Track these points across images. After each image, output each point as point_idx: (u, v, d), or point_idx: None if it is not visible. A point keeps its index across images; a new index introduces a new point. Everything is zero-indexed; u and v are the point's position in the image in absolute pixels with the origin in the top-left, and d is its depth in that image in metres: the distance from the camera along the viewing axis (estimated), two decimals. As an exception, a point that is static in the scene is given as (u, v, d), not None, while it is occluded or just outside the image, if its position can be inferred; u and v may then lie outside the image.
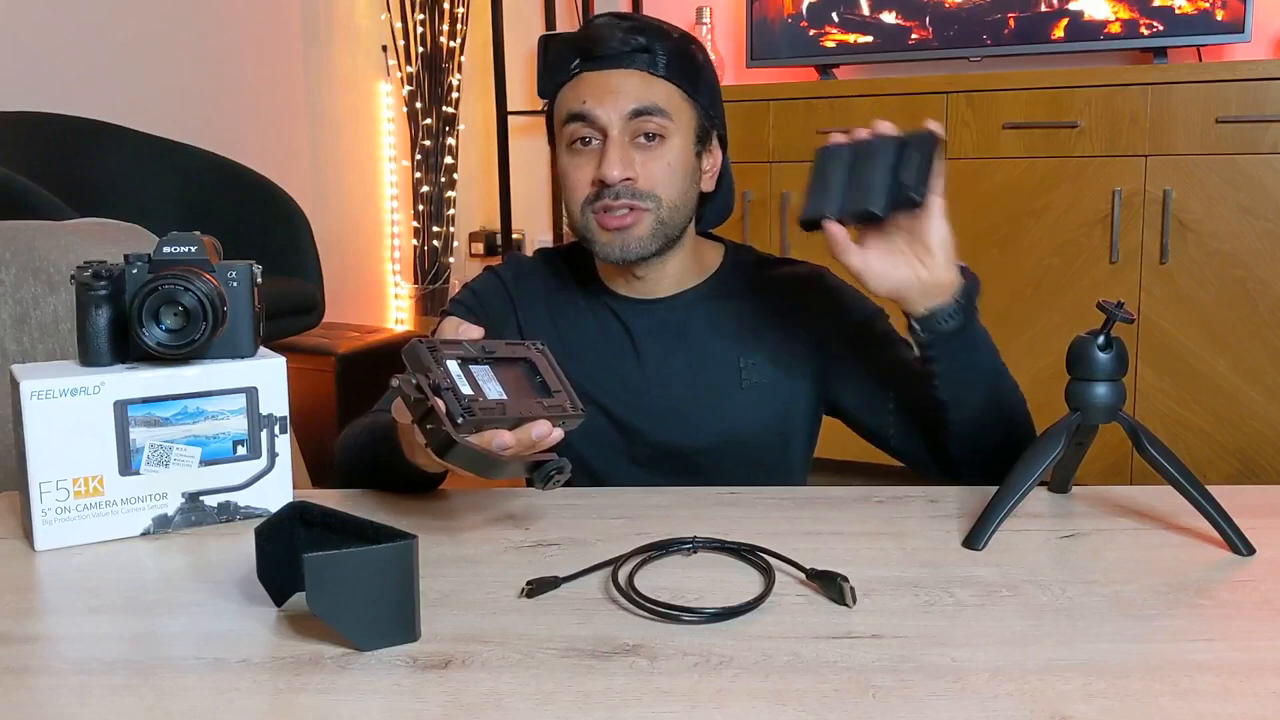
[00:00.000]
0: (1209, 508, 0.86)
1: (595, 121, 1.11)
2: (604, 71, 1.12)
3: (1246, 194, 2.43)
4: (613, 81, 1.11)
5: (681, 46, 1.15)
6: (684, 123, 1.14)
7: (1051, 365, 2.67)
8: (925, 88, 2.69)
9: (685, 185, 1.14)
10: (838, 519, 0.95)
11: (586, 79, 1.12)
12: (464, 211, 3.86)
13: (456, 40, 3.69)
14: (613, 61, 1.12)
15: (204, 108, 3.12)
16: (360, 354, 2.98)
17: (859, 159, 0.96)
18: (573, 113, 1.12)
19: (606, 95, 1.11)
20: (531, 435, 0.81)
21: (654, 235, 1.12)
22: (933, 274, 0.98)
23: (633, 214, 1.11)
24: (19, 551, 0.89)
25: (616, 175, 1.09)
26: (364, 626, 0.69)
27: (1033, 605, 0.75)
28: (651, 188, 1.11)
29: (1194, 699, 0.62)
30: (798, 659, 0.67)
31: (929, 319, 1.00)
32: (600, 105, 1.10)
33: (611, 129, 1.10)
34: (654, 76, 1.12)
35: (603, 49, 1.12)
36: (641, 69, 1.12)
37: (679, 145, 1.13)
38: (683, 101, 1.14)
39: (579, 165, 1.13)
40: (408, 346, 0.80)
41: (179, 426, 0.91)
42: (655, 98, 1.11)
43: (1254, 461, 2.48)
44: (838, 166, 0.97)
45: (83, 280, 0.91)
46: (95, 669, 0.68)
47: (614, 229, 1.11)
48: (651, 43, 1.12)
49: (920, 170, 0.94)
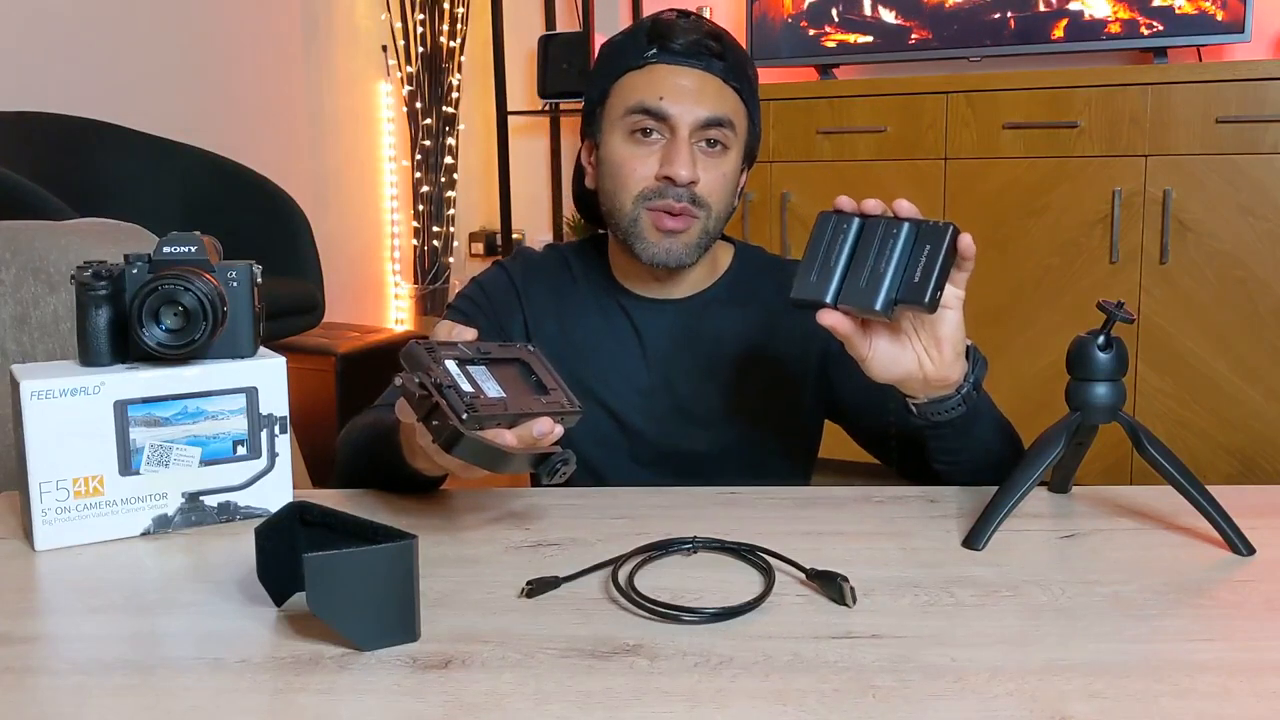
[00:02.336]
0: (1209, 508, 0.86)
1: (669, 118, 1.08)
2: (681, 67, 1.09)
3: (1246, 194, 2.43)
4: (691, 81, 1.09)
5: (747, 61, 1.14)
6: (741, 137, 1.13)
7: (1051, 365, 2.64)
8: (925, 88, 2.69)
9: (730, 200, 1.14)
10: (838, 519, 0.95)
11: (662, 71, 1.10)
12: (464, 211, 3.86)
13: (456, 40, 3.69)
14: (691, 60, 1.10)
15: (204, 108, 3.12)
16: (360, 354, 2.98)
17: (865, 239, 0.85)
18: (644, 104, 1.09)
19: (686, 95, 1.09)
20: (533, 433, 0.81)
21: (699, 244, 1.11)
22: (939, 369, 0.91)
23: (685, 218, 1.09)
24: (19, 551, 0.89)
25: (687, 175, 1.07)
26: (364, 626, 0.69)
27: (1033, 605, 0.75)
28: (708, 195, 1.10)
29: (1194, 699, 0.62)
30: (798, 659, 0.67)
31: (928, 407, 0.96)
32: (679, 103, 1.08)
33: (683, 129, 1.08)
34: (726, 85, 1.11)
35: (683, 44, 1.09)
36: (716, 74, 1.10)
37: (734, 159, 1.13)
38: (743, 116, 1.14)
39: (639, 156, 1.10)
40: (406, 348, 0.80)
41: (179, 426, 0.91)
42: (727, 108, 1.10)
43: (1254, 461, 2.48)
44: (840, 243, 0.86)
45: (83, 280, 0.91)
46: (95, 669, 0.68)
47: (668, 230, 1.09)
48: (726, 50, 1.11)
49: (933, 269, 0.82)
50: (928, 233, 0.84)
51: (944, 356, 0.90)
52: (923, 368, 0.91)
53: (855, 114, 2.76)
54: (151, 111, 2.85)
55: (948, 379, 0.92)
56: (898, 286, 0.83)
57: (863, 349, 0.90)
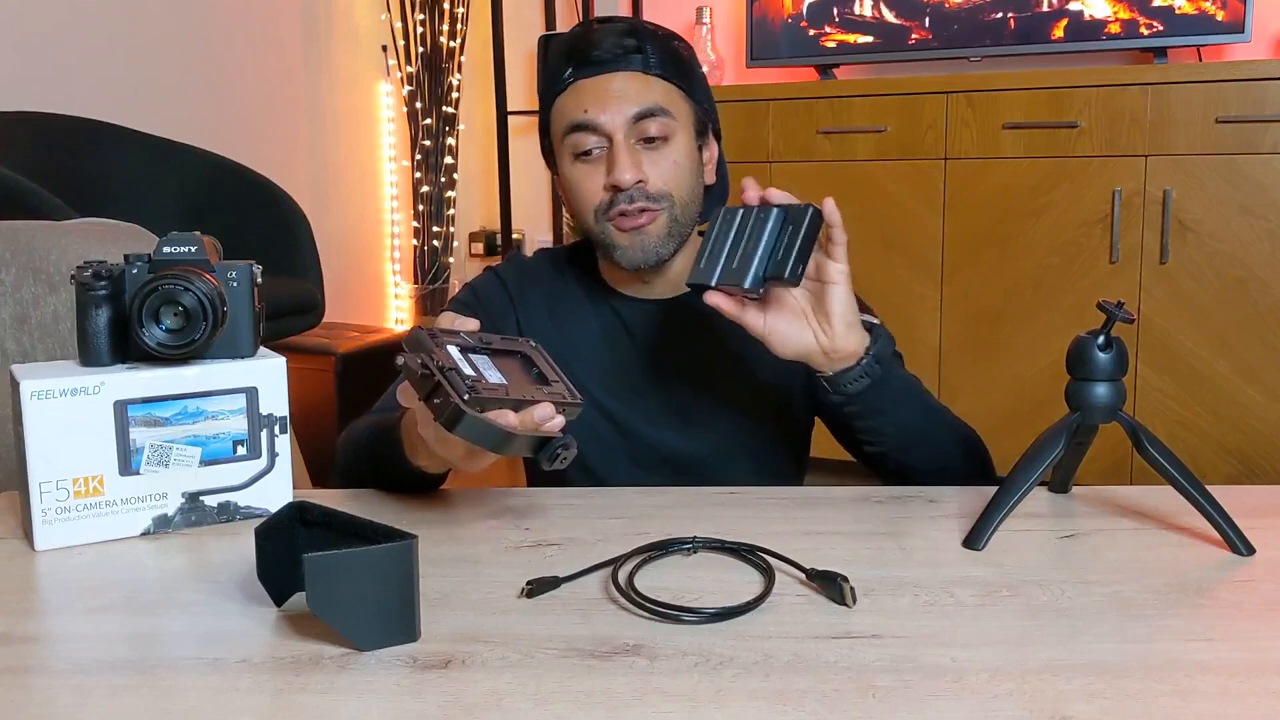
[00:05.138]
0: (1209, 508, 0.86)
1: (599, 128, 1.10)
2: (600, 76, 1.11)
3: (1246, 194, 2.43)
4: (612, 86, 1.10)
5: (670, 44, 1.15)
6: (684, 119, 1.13)
7: (1051, 365, 2.65)
8: (925, 88, 2.69)
9: (693, 181, 1.14)
10: (838, 519, 0.95)
11: (583, 86, 1.11)
12: (464, 211, 3.86)
13: (456, 40, 3.69)
14: (607, 66, 1.11)
15: (204, 108, 3.12)
16: (360, 354, 2.98)
17: (742, 226, 0.94)
18: (574, 123, 1.11)
19: (609, 101, 1.10)
20: (534, 417, 0.81)
21: (670, 234, 1.12)
22: (833, 341, 0.98)
23: (647, 214, 1.10)
24: (19, 551, 0.89)
25: (629, 179, 1.09)
26: (364, 626, 0.69)
27: (1033, 605, 0.75)
28: (663, 187, 1.11)
29: (1194, 699, 0.62)
30: (798, 659, 0.67)
31: (835, 380, 1.01)
32: (603, 111, 1.10)
33: (616, 134, 1.09)
34: (650, 76, 1.11)
35: (596, 54, 1.11)
36: (637, 70, 1.11)
37: (683, 142, 1.13)
38: (680, 98, 1.14)
39: (587, 175, 1.12)
40: (409, 333, 0.81)
41: (179, 426, 0.91)
42: (655, 98, 1.11)
43: (1254, 461, 2.48)
44: (725, 232, 0.95)
45: (83, 280, 0.91)
46: (95, 669, 0.68)
47: (630, 229, 1.10)
48: (643, 43, 1.12)
49: (794, 248, 0.91)
50: (794, 215, 0.92)
51: (835, 329, 0.97)
52: (819, 341, 0.98)
53: (855, 114, 2.76)
54: (151, 111, 2.85)
55: (843, 350, 0.99)
56: (765, 265, 0.92)
57: (758, 326, 0.98)
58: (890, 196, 2.74)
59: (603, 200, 1.11)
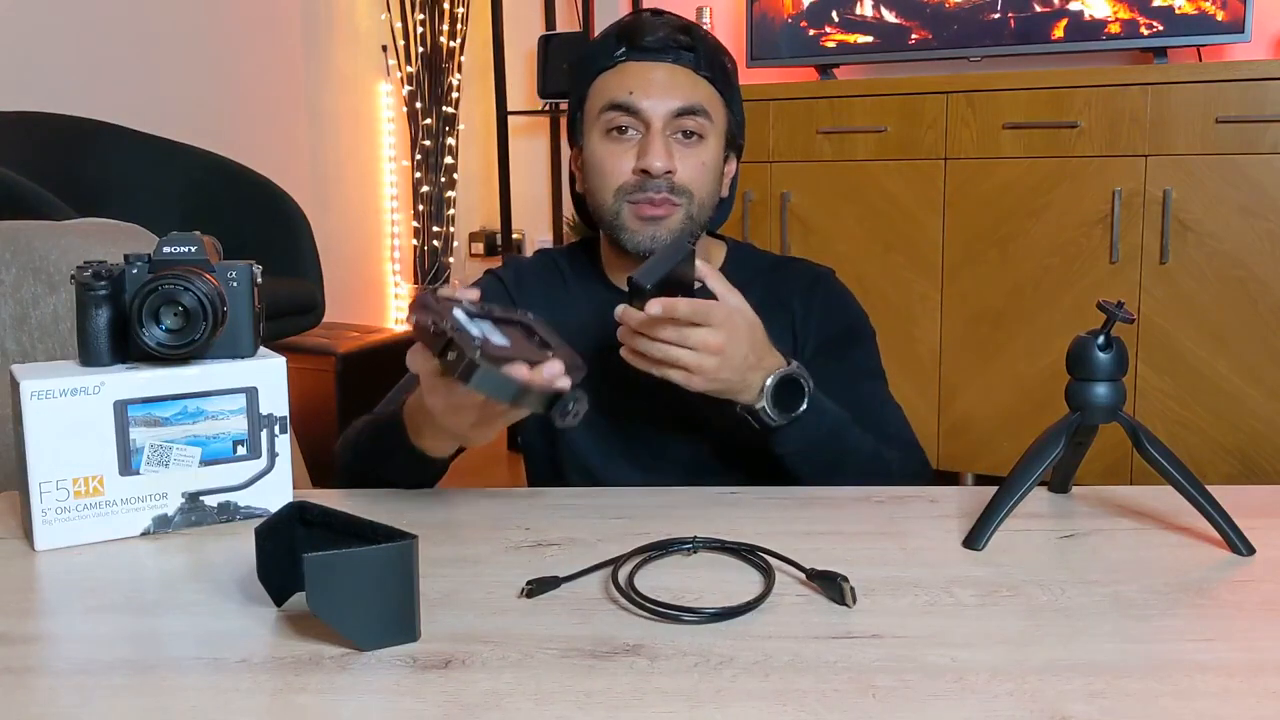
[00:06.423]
0: (1209, 508, 0.86)
1: (641, 113, 1.11)
2: (651, 63, 1.13)
3: (1246, 194, 2.43)
4: (661, 75, 1.12)
5: (721, 53, 1.17)
6: (719, 126, 1.16)
7: (1051, 365, 2.65)
8: (925, 88, 2.69)
9: (714, 187, 1.17)
10: (838, 519, 0.95)
11: (632, 68, 1.13)
12: (464, 211, 3.86)
13: (456, 40, 3.70)
14: (660, 55, 1.13)
15: (204, 108, 3.12)
16: (360, 354, 2.99)
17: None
18: (617, 101, 1.12)
19: (655, 88, 1.12)
20: (544, 374, 0.81)
21: (683, 230, 1.14)
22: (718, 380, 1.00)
23: (668, 206, 1.12)
24: (19, 551, 0.89)
25: (661, 166, 1.10)
26: (364, 626, 0.69)
27: (1033, 605, 0.75)
28: (687, 184, 1.13)
29: (1194, 699, 0.62)
30: (798, 659, 0.67)
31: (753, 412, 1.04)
32: (647, 96, 1.11)
33: (655, 121, 1.11)
34: (698, 76, 1.14)
35: (650, 40, 1.13)
36: (687, 66, 1.13)
37: (713, 147, 1.15)
38: (720, 105, 1.16)
39: (616, 153, 1.13)
40: (416, 296, 0.83)
41: (179, 426, 0.91)
42: (699, 97, 1.13)
43: (1254, 461, 2.48)
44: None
45: (83, 280, 0.91)
46: (95, 669, 0.68)
47: (648, 218, 1.12)
48: (697, 43, 1.14)
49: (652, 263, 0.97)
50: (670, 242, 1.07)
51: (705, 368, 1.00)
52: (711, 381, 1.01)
53: (855, 114, 2.76)
54: (151, 111, 2.85)
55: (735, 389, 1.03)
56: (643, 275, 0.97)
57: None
58: (890, 196, 2.73)
59: (627, 181, 1.12)
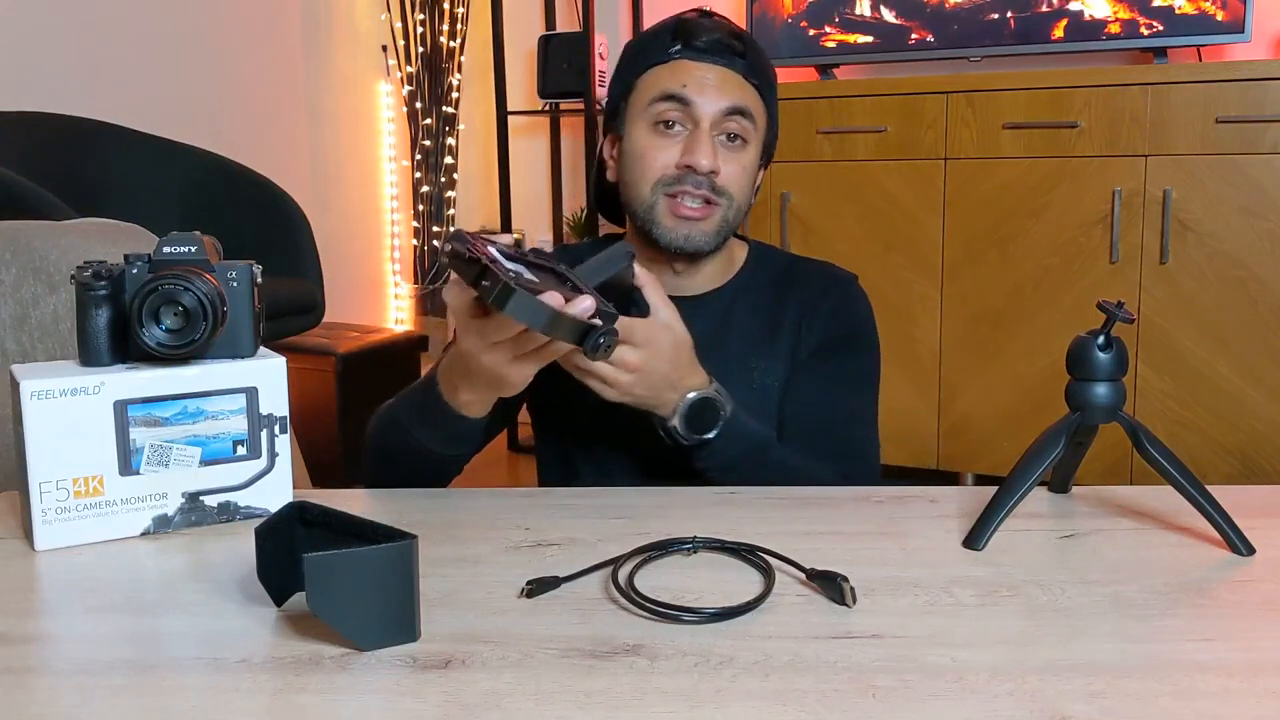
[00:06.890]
0: (1209, 508, 0.86)
1: (692, 108, 1.12)
2: (705, 63, 1.14)
3: (1246, 194, 2.43)
4: (713, 75, 1.14)
5: (768, 61, 1.19)
6: (760, 133, 1.17)
7: (1051, 365, 2.64)
8: (925, 88, 2.69)
9: (749, 192, 1.18)
10: (838, 519, 0.95)
11: (687, 65, 1.14)
12: (464, 211, 3.86)
13: (456, 40, 3.70)
14: (715, 57, 1.14)
15: (204, 108, 3.12)
16: (360, 354, 2.98)
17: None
18: (669, 93, 1.13)
19: (707, 87, 1.13)
20: (578, 308, 0.82)
21: (719, 231, 1.15)
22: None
23: (707, 207, 1.13)
24: (19, 551, 0.89)
25: (707, 164, 1.11)
26: (364, 626, 0.69)
27: (1033, 605, 0.75)
28: (728, 186, 1.14)
29: (1194, 699, 0.62)
30: (798, 659, 0.67)
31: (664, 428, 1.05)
32: (701, 94, 1.13)
33: (704, 120, 1.12)
34: (747, 82, 1.15)
35: (707, 40, 1.14)
36: (738, 71, 1.15)
37: (753, 152, 1.17)
38: (763, 113, 1.18)
39: (661, 146, 1.14)
40: (452, 233, 0.85)
41: (179, 426, 0.91)
42: (748, 101, 1.15)
43: (1254, 461, 2.48)
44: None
45: (83, 280, 0.91)
46: (95, 669, 0.68)
47: (685, 217, 1.13)
48: (748, 49, 1.16)
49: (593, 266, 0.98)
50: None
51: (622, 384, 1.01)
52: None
53: (855, 114, 2.76)
54: (151, 111, 2.85)
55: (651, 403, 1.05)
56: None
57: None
58: (890, 196, 2.73)
59: (669, 174, 1.13)
